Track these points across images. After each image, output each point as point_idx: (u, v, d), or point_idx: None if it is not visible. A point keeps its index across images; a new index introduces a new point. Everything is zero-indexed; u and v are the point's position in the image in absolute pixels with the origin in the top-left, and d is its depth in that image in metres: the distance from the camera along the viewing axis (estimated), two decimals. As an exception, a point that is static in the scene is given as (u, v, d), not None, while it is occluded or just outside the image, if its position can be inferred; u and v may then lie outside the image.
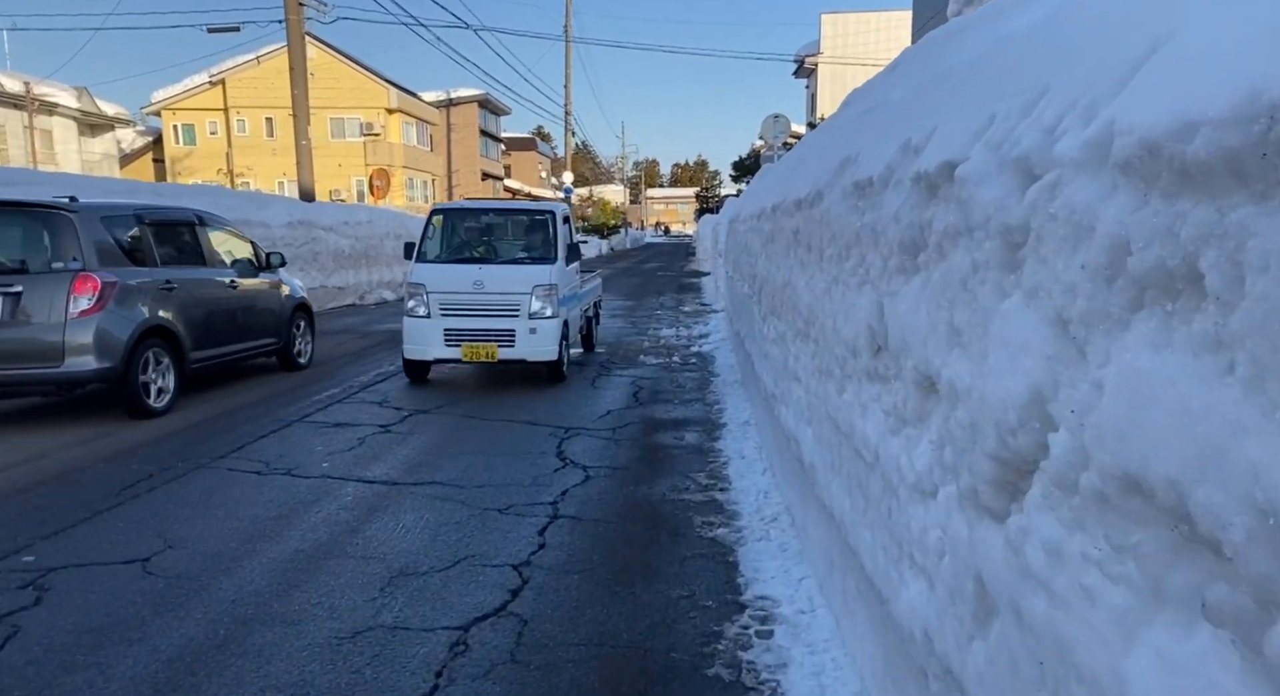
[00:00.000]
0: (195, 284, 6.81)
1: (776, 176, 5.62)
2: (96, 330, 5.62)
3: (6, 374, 5.51)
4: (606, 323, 12.55)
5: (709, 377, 8.02)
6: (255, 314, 7.71)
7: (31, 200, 6.17)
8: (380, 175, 22.75)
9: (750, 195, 8.40)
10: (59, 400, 6.57)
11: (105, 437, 5.47)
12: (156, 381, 6.13)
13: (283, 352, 8.24)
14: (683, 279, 24.38)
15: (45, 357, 5.53)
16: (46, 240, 5.81)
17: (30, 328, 5.54)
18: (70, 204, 5.91)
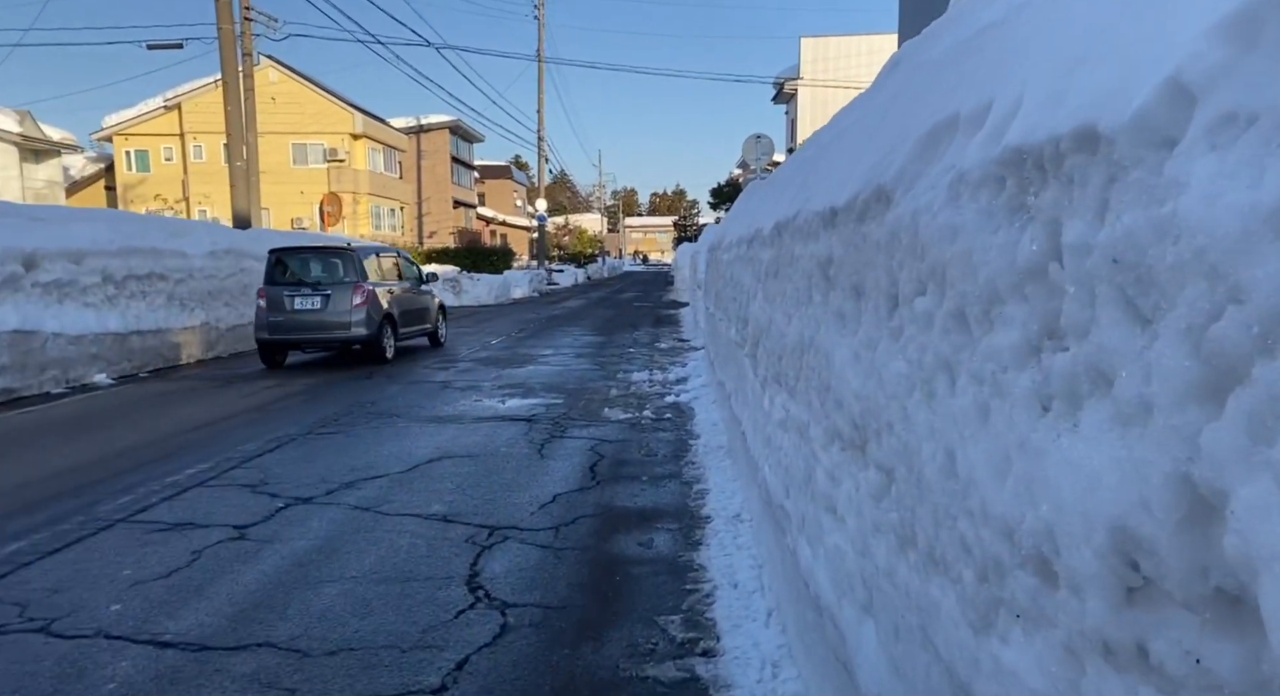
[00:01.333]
0: (401, 291, 12.07)
1: (778, 183, 4.15)
2: (365, 315, 10.58)
3: (324, 337, 10.57)
4: (570, 366, 11.00)
5: (687, 440, 6.48)
6: (423, 310, 12.89)
7: (334, 245, 11.66)
8: (331, 201, 21.19)
9: (737, 216, 6.94)
10: (345, 351, 11.36)
11: (368, 366, 10.95)
12: (388, 343, 11.16)
13: (432, 335, 13.32)
14: (660, 310, 22.94)
15: (341, 328, 10.51)
16: (340, 266, 10.92)
17: (334, 313, 10.48)
18: (350, 246, 11.43)
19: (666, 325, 17.60)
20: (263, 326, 10.58)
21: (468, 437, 6.54)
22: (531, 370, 10.47)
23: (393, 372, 10.26)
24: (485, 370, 10.46)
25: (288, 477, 5.33)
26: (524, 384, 9.31)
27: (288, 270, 10.93)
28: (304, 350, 11.24)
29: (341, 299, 10.51)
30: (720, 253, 7.28)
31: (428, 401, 8.19)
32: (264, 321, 10.55)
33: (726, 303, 6.21)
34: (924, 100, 1.75)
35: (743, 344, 4.63)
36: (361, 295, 10.57)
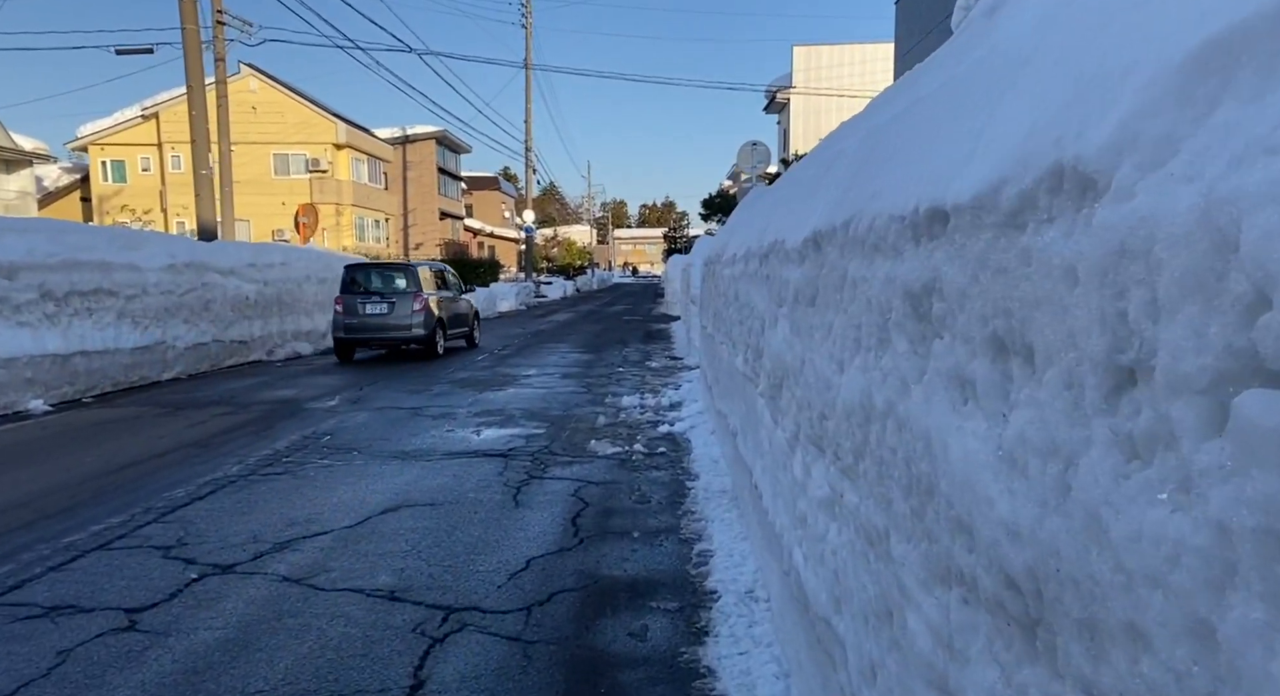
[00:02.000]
0: (448, 298, 14.17)
1: (800, 184, 3.36)
2: (422, 319, 12.79)
3: (389, 336, 12.79)
4: (555, 387, 10.18)
5: (684, 482, 5.66)
6: (463, 315, 15.00)
7: (399, 263, 16.20)
8: (307, 211, 20.32)
9: (739, 226, 6.16)
10: (405, 348, 13.48)
11: (422, 360, 13.30)
12: (440, 342, 13.42)
13: (469, 336, 15.37)
14: (650, 324, 22.15)
15: (403, 329, 12.73)
16: (402, 279, 13.18)
17: (397, 317, 12.69)
18: (411, 262, 14.48)
19: (657, 341, 16.81)
20: (339, 327, 13.03)
21: (433, 479, 5.70)
22: (513, 393, 9.63)
23: (360, 398, 9.41)
24: (462, 393, 9.62)
25: (212, 535, 4.48)
26: (503, 410, 8.48)
27: (358, 282, 13.30)
28: (371, 347, 13.60)
29: (404, 305, 12.91)
30: (719, 266, 6.50)
31: (394, 432, 7.35)
32: (340, 323, 13.00)
33: (729, 324, 5.42)
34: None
35: (754, 379, 3.83)
36: (419, 302, 12.98)
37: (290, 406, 8.82)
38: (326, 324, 16.43)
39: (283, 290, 14.91)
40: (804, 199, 2.98)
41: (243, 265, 13.70)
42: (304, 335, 15.42)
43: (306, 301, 15.83)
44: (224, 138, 20.46)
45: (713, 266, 7.66)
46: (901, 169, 1.70)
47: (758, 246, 3.85)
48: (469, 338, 15.24)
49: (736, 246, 5.36)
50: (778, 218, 3.55)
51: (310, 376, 11.44)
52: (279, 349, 14.27)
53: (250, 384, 10.73)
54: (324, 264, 16.98)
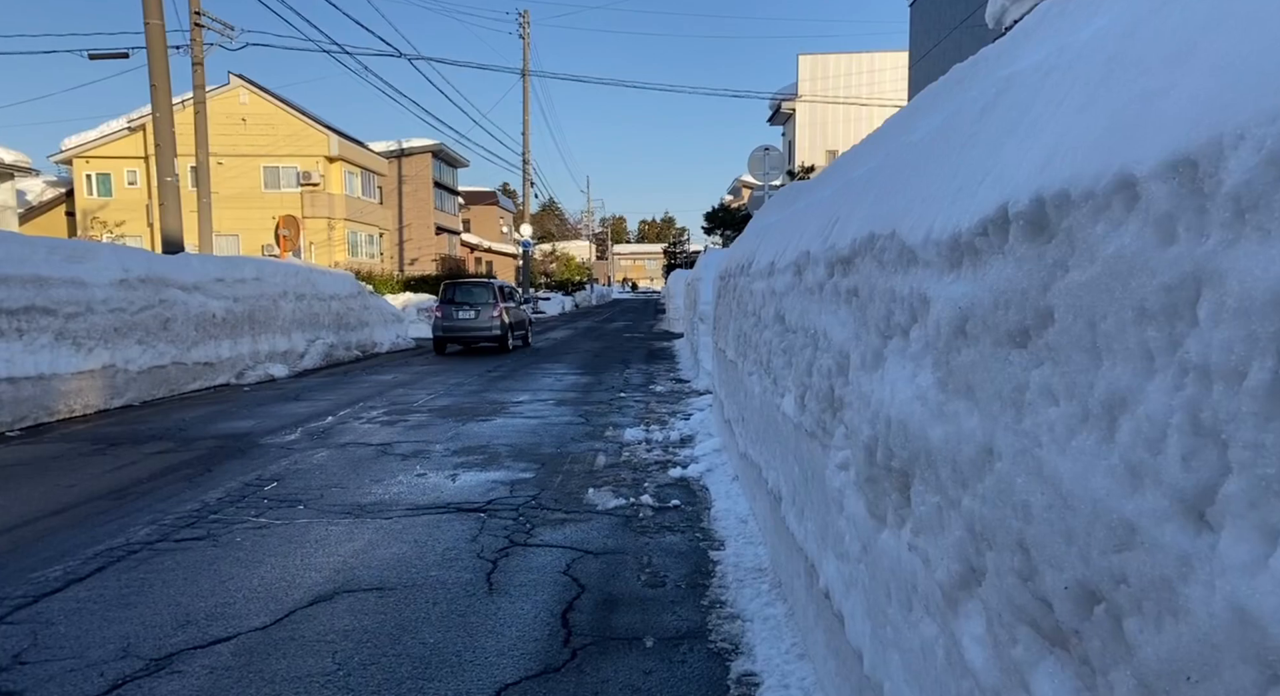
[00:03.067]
0: (512, 308, 18.08)
1: (913, 152, 2.18)
2: (500, 323, 16.91)
3: (474, 335, 17.04)
4: (548, 418, 8.99)
5: (707, 552, 4.47)
6: (523, 320, 19.11)
7: (483, 280, 19.09)
8: (288, 223, 19.20)
9: (772, 230, 4.99)
10: (485, 346, 17.58)
11: (499, 354, 16.92)
12: (510, 341, 17.45)
13: (524, 337, 19.31)
14: (653, 342, 20.98)
15: (485, 329, 16.92)
16: (485, 293, 17.24)
17: (481, 321, 16.84)
18: (490, 279, 20.13)
19: (661, 361, 15.63)
20: (438, 329, 17.38)
21: (388, 547, 4.51)
22: (500, 425, 8.44)
23: (325, 430, 8.22)
24: (442, 424, 8.43)
25: (67, 647, 3.28)
26: (487, 447, 7.29)
27: (451, 295, 17.47)
28: (459, 344, 17.70)
29: (485, 313, 17.13)
30: (743, 280, 5.34)
31: (353, 477, 6.15)
32: (439, 326, 17.34)
33: (764, 351, 4.24)
34: None
35: (821, 437, 2.65)
36: (496, 310, 17.21)
37: (242, 442, 7.62)
38: (306, 343, 15.28)
39: (255, 307, 13.75)
40: (936, 166, 1.81)
41: (209, 280, 12.55)
42: (279, 356, 14.24)
43: (283, 319, 14.66)
44: (201, 146, 19.40)
45: (732, 280, 6.51)
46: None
47: (827, 249, 2.68)
48: (525, 338, 19.56)
49: (773, 253, 4.20)
50: (868, 206, 2.38)
51: (277, 404, 10.24)
52: (250, 371, 13.08)
53: (207, 413, 9.53)
54: (303, 279, 15.84)
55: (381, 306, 20.23)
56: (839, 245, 2.52)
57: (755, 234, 5.79)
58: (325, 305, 16.53)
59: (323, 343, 15.78)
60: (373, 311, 19.16)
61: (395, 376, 13.32)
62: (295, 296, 15.33)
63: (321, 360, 15.53)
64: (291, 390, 11.73)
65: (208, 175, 19.66)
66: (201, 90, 18.96)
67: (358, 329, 17.98)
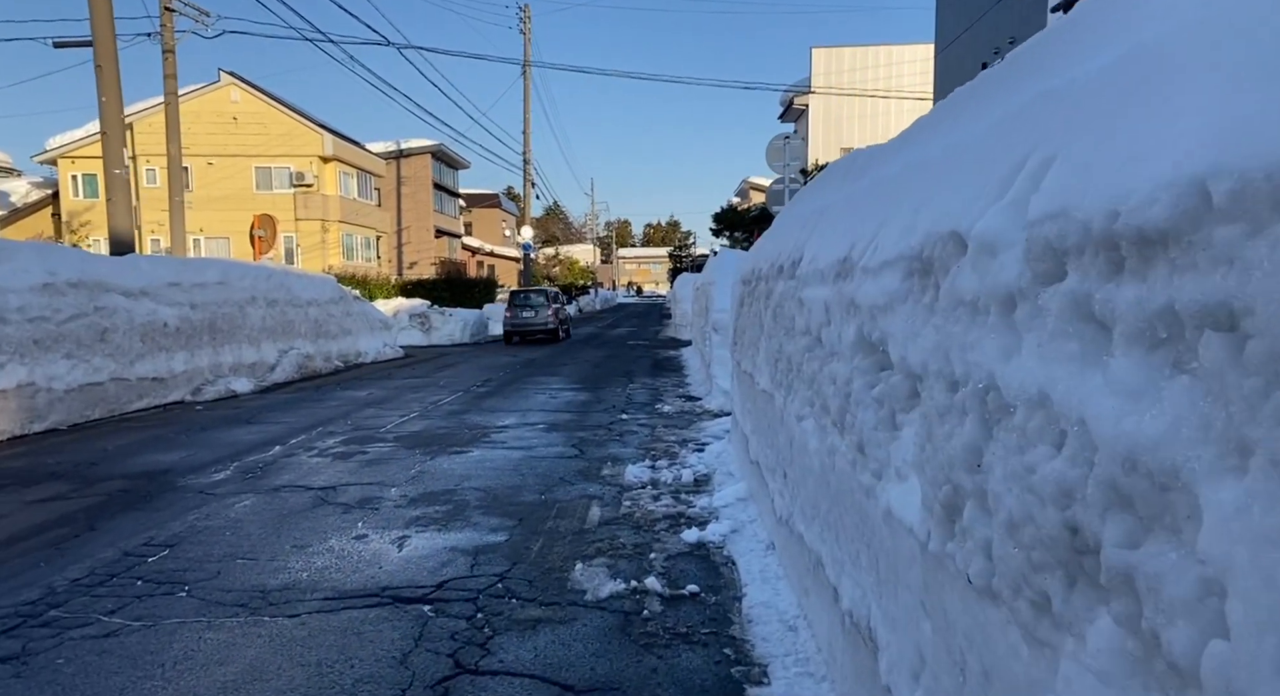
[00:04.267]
0: (559, 308, 23.95)
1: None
2: (553, 320, 22.52)
3: (534, 329, 22.34)
4: (536, 447, 7.55)
5: (743, 689, 3.02)
6: (566, 318, 25.49)
7: (541, 289, 24.89)
8: (263, 223, 17.82)
9: (825, 219, 3.54)
10: (543, 339, 22.72)
11: (553, 343, 21.74)
12: (561, 334, 23.35)
13: (567, 330, 24.77)
14: (658, 351, 19.55)
15: (543, 325, 22.41)
16: (542, 297, 23.05)
17: (539, 319, 22.36)
18: (544, 288, 25.02)
19: (668, 373, 14.19)
20: (508, 324, 22.40)
21: (278, 673, 3.08)
22: (475, 460, 7.02)
23: (263, 466, 6.81)
24: (406, 458, 7.01)
25: None
26: (454, 493, 5.87)
27: (517, 300, 23.13)
28: (524, 337, 22.57)
29: (542, 313, 22.41)
30: (793, 286, 3.90)
31: (271, 541, 4.73)
32: (508, 322, 22.39)
33: (835, 394, 2.81)
34: None
35: (1027, 611, 1.22)
36: (551, 311, 22.55)
37: (156, 483, 6.21)
38: (277, 355, 13.90)
39: (218, 315, 12.36)
40: None
41: (160, 285, 11.17)
42: (246, 369, 12.85)
43: (251, 328, 13.28)
44: (173, 140, 18.06)
45: (762, 285, 5.08)
46: None
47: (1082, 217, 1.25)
48: (567, 331, 24.89)
49: (845, 246, 2.76)
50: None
51: (225, 428, 8.84)
52: (208, 387, 11.69)
53: (137, 440, 8.13)
54: (276, 283, 14.46)
55: (368, 313, 18.85)
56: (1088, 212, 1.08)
57: (800, 222, 4.35)
58: (301, 312, 15.15)
59: (297, 353, 14.39)
60: (357, 318, 17.78)
61: (371, 392, 11.91)
62: (266, 302, 13.95)
63: (295, 372, 14.14)
64: (250, 409, 10.32)
65: (180, 171, 18.32)
66: (173, 80, 17.62)
67: (339, 337, 16.59)
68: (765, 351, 4.79)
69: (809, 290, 3.35)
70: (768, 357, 4.67)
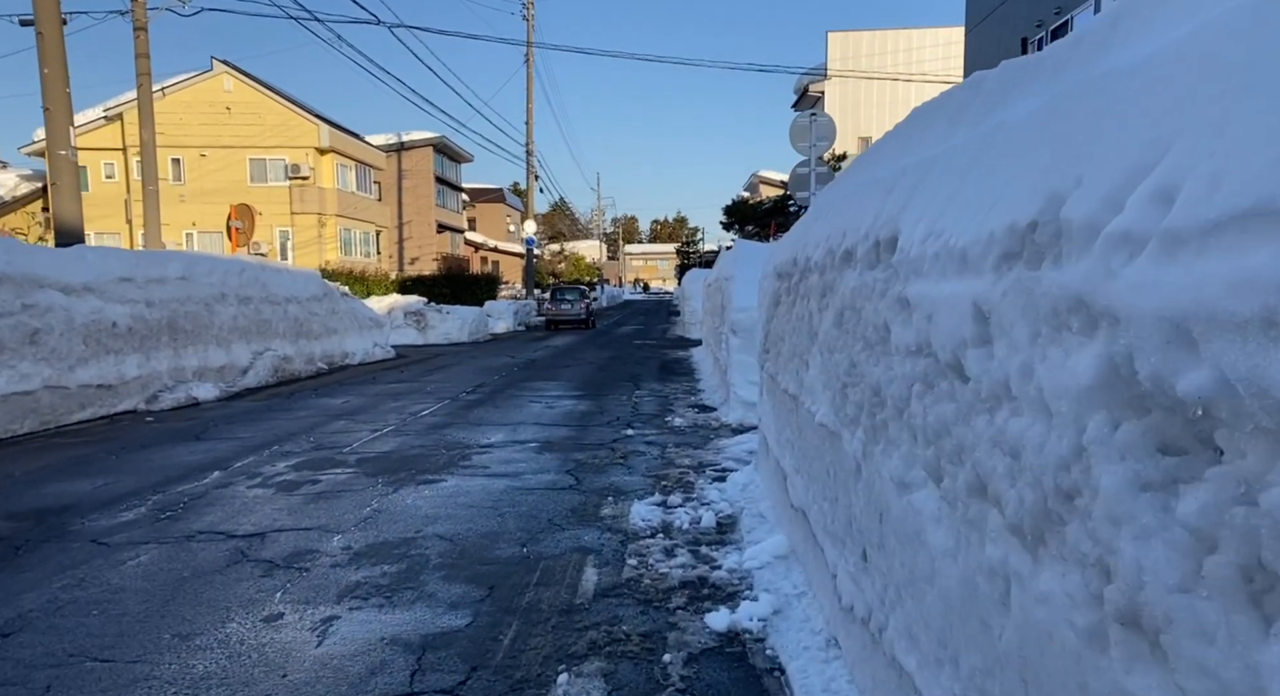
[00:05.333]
0: (590, 301, 30.05)
1: None
2: (585, 310, 28.08)
3: (569, 318, 27.76)
4: (524, 475, 6.27)
5: None
6: (595, 310, 33.46)
7: (575, 285, 35.28)
8: (241, 213, 16.61)
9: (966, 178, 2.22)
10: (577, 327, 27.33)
11: (585, 330, 26.13)
12: (592, 322, 28.78)
13: (594, 320, 29.73)
14: (666, 351, 18.28)
15: (577, 315, 27.73)
16: (575, 293, 28.89)
17: (573, 310, 27.73)
18: (579, 284, 38.37)
19: (678, 378, 12.92)
20: (547, 314, 27.90)
21: None
22: (447, 494, 5.75)
23: (183, 504, 5.56)
24: (362, 491, 5.75)
25: None
26: (410, 544, 4.60)
27: (556, 294, 28.65)
28: (560, 325, 27.66)
29: (577, 304, 27.44)
30: (882, 279, 2.62)
31: (143, 628, 3.48)
32: (548, 312, 27.85)
33: (996, 465, 1.52)
34: None
35: None
36: (584, 303, 27.75)
37: (44, 527, 4.97)
38: (250, 357, 12.68)
39: (179, 313, 11.14)
40: None
41: (108, 280, 9.94)
42: (213, 373, 11.63)
43: (220, 328, 12.06)
44: (146, 124, 16.88)
45: (811, 279, 3.81)
46: None
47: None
48: (594, 322, 29.13)
49: (1041, 203, 1.48)
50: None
51: (166, 446, 7.61)
52: (166, 394, 10.46)
53: (55, 463, 6.89)
54: (250, 278, 13.23)
55: (356, 311, 17.62)
56: None
57: (871, 190, 3.04)
58: (280, 310, 13.93)
59: (273, 355, 13.17)
60: (344, 317, 16.55)
61: (349, 400, 10.67)
62: (238, 299, 12.73)
63: (270, 376, 12.92)
64: (206, 421, 9.10)
65: (154, 158, 17.19)
66: (145, 59, 16.42)
67: (323, 337, 15.37)
68: (820, 368, 3.51)
69: (926, 285, 2.06)
70: (825, 377, 3.39)
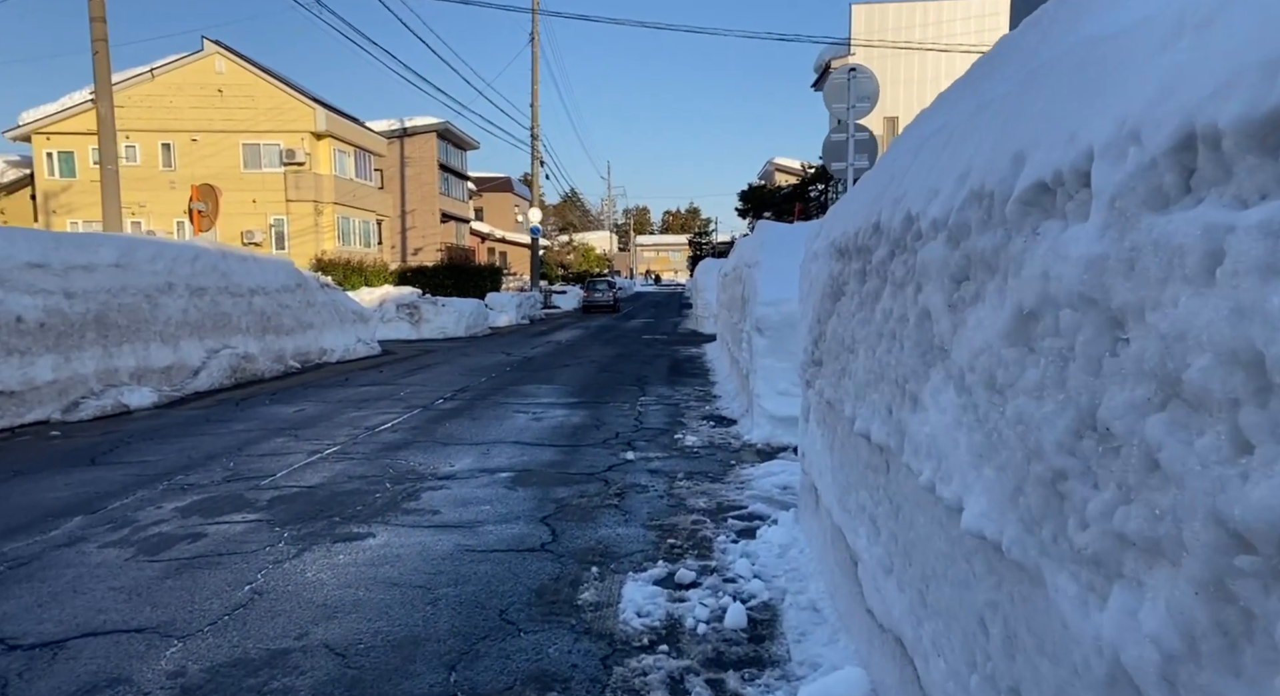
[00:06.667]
0: (618, 290, 40.63)
1: None
2: (614, 298, 35.83)
3: (600, 304, 35.03)
4: (486, 522, 4.63)
5: None
6: (619, 297, 39.48)
7: (606, 278, 44.30)
8: (203, 195, 15.05)
9: None
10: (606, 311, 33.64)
11: (613, 315, 30.51)
12: (617, 306, 35.98)
13: (618, 307, 36.16)
14: (677, 348, 16.65)
15: (607, 302, 35.14)
16: (605, 284, 36.97)
17: (604, 297, 35.27)
18: (609, 276, 53.10)
19: (689, 380, 11.30)
20: (583, 302, 36.06)
21: None
22: (368, 561, 4.14)
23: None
24: (253, 554, 4.15)
25: None
26: (282, 664, 2.98)
27: (590, 285, 37.35)
28: (595, 310, 33.81)
29: (607, 293, 35.38)
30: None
31: None
32: (585, 299, 36.10)
33: None
34: None
35: None
36: (612, 292, 35.95)
37: None
38: (204, 355, 11.15)
39: (111, 306, 9.60)
40: None
41: (14, 267, 8.40)
42: (155, 375, 10.09)
43: (165, 322, 10.52)
44: (104, 96, 15.39)
45: (895, 261, 2.18)
46: None
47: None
48: (618, 307, 35.61)
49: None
50: None
51: (43, 476, 6.05)
52: (90, 401, 8.92)
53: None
54: (206, 266, 11.68)
55: (338, 303, 16.07)
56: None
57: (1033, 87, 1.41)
58: (242, 302, 12.39)
59: (231, 353, 11.62)
60: (322, 310, 15.00)
61: (303, 408, 9.10)
62: (190, 290, 11.19)
63: (227, 377, 11.37)
64: (121, 437, 7.55)
65: (112, 134, 15.67)
66: (101, 23, 14.87)
67: (295, 333, 13.82)
68: (970, 416, 1.86)
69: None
70: (984, 438, 1.74)
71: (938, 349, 2.09)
